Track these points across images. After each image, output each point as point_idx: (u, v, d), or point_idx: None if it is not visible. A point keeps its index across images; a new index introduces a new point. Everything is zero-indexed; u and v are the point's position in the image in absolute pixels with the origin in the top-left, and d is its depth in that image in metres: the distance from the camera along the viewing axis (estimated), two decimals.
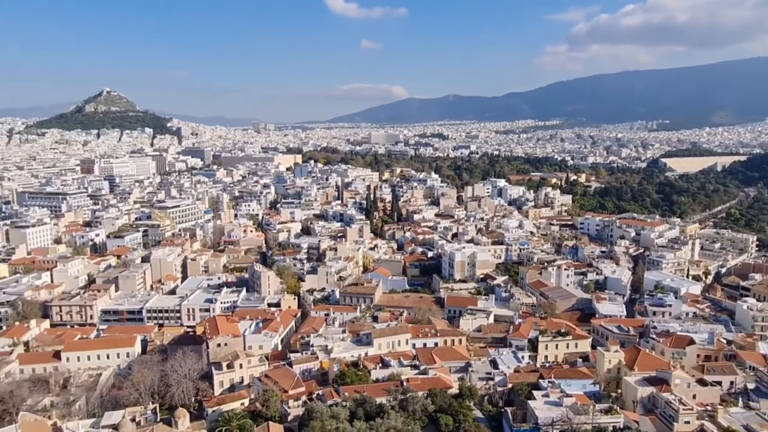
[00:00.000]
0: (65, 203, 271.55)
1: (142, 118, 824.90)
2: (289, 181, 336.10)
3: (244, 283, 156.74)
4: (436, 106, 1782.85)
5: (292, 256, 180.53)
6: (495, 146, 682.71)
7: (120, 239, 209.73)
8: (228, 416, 78.33)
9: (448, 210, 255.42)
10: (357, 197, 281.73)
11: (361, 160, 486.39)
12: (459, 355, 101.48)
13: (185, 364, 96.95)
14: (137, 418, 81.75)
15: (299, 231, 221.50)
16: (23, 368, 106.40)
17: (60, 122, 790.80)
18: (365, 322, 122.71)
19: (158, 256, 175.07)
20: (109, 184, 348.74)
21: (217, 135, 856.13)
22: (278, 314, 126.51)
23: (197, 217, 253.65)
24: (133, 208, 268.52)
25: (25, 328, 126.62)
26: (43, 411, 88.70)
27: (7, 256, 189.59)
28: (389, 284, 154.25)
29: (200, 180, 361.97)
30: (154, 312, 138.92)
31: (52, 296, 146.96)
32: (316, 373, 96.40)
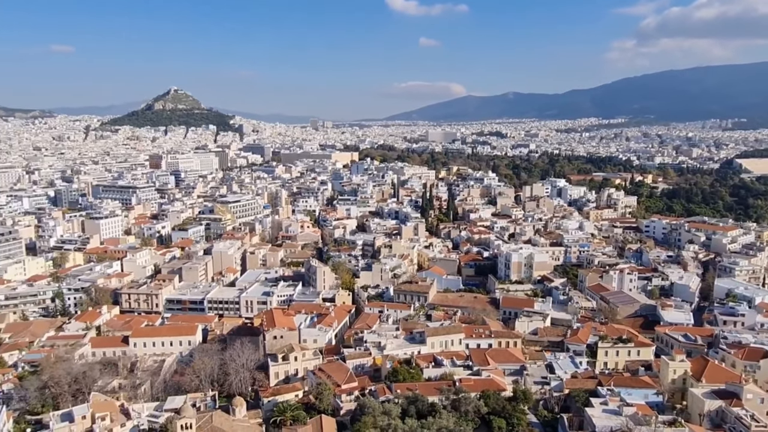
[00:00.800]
0: (135, 196, 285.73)
1: (206, 116, 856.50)
2: (345, 178, 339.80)
3: (300, 278, 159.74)
4: (494, 104, 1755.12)
5: (348, 252, 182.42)
6: (555, 145, 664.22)
7: (184, 232, 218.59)
8: (282, 407, 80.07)
9: (505, 210, 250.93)
10: (413, 195, 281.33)
11: (417, 158, 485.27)
12: (513, 357, 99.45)
13: (243, 354, 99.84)
14: (197, 403, 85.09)
15: (355, 228, 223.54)
16: (95, 351, 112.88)
17: (132, 119, 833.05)
18: (419, 320, 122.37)
19: (219, 249, 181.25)
20: (175, 179, 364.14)
21: (277, 132, 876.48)
22: (333, 309, 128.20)
23: (257, 212, 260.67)
24: (196, 202, 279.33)
25: (98, 314, 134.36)
26: (112, 392, 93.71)
27: (82, 245, 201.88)
28: (444, 283, 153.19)
29: (260, 176, 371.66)
30: (215, 303, 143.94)
31: (122, 284, 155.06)
32: (369, 369, 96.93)
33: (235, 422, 78.78)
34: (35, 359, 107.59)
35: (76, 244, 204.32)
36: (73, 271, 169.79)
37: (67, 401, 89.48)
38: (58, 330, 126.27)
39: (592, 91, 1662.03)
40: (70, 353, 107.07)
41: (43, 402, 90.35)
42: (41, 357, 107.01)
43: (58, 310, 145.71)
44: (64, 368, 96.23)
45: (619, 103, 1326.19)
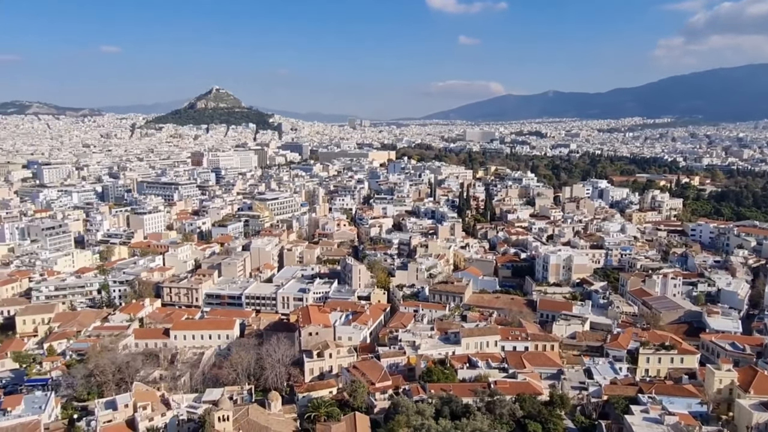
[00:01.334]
0: (177, 193, 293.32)
1: (246, 114, 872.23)
2: (382, 177, 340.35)
3: (336, 275, 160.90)
4: (534, 103, 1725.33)
5: (383, 251, 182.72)
6: (597, 145, 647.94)
7: (224, 228, 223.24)
8: (317, 403, 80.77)
9: (543, 210, 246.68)
10: (450, 195, 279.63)
11: (455, 157, 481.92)
12: (551, 361, 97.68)
13: (279, 350, 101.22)
14: (234, 396, 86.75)
15: (391, 227, 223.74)
16: (138, 342, 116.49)
17: (175, 118, 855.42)
18: (454, 320, 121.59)
19: (257, 246, 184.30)
20: (215, 176, 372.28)
21: (315, 130, 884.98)
22: (368, 307, 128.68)
23: (294, 209, 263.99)
24: (236, 199, 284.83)
25: (141, 306, 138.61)
26: (153, 382, 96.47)
27: (127, 240, 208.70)
28: (480, 284, 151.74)
29: (298, 174, 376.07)
30: (252, 298, 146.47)
31: (164, 278, 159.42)
32: (403, 368, 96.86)
33: (271, 416, 79.99)
34: (82, 348, 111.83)
35: (122, 238, 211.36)
36: (118, 264, 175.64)
37: (111, 390, 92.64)
38: (104, 321, 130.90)
39: (637, 89, 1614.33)
40: (114, 343, 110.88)
41: (88, 389, 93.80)
42: (88, 346, 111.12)
43: (103, 301, 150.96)
44: (109, 358, 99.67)
45: (666, 103, 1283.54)
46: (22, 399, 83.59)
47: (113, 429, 77.14)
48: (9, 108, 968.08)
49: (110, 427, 77.39)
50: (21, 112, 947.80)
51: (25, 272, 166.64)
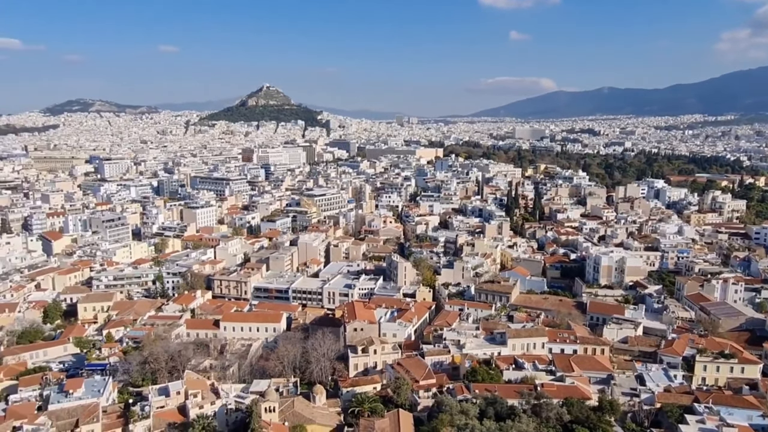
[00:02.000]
0: (228, 188, 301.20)
1: (295, 111, 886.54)
2: (429, 175, 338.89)
3: (382, 272, 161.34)
4: (587, 100, 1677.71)
5: (429, 249, 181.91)
6: (654, 143, 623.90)
7: (272, 223, 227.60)
8: (361, 398, 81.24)
9: (595, 210, 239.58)
10: (497, 193, 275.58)
11: (503, 155, 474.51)
12: (600, 365, 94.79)
13: (324, 344, 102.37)
14: (280, 388, 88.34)
15: (437, 224, 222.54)
16: (189, 332, 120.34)
17: (227, 115, 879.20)
18: (500, 320, 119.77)
19: (305, 241, 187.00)
20: (264, 172, 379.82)
21: (363, 128, 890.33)
22: (413, 305, 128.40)
23: (341, 205, 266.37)
24: (284, 194, 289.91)
25: (192, 297, 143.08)
26: (203, 371, 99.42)
27: (180, 233, 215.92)
28: (527, 284, 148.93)
29: (345, 170, 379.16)
30: (299, 292, 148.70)
31: (215, 271, 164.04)
32: (447, 366, 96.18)
33: (315, 409, 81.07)
34: (138, 336, 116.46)
35: (175, 231, 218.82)
36: (172, 257, 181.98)
37: (164, 377, 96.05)
38: (158, 310, 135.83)
39: (698, 85, 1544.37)
40: (167, 332, 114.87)
41: (143, 376, 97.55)
42: (143, 334, 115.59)
43: (158, 291, 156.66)
44: (162, 346, 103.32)
45: (729, 99, 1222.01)
46: (82, 382, 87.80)
47: (166, 415, 79.96)
48: (74, 106, 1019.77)
49: (163, 413, 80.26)
50: (85, 109, 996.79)
51: (87, 262, 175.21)
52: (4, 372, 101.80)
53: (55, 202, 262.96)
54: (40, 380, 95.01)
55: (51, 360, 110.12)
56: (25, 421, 75.75)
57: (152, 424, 77.51)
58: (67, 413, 78.86)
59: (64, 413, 78.93)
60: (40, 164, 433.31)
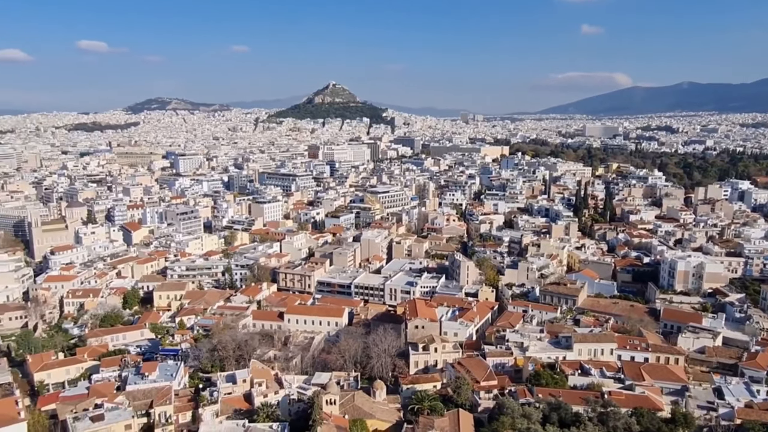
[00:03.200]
0: (294, 184, 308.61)
1: (360, 109, 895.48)
2: (494, 173, 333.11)
3: (444, 271, 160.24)
4: (665, 95, 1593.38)
5: (493, 248, 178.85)
6: (739, 142, 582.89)
7: (336, 219, 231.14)
8: (421, 396, 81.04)
9: (671, 212, 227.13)
10: (565, 193, 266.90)
11: (572, 153, 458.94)
12: (674, 375, 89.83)
13: (385, 340, 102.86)
14: (341, 382, 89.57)
15: (501, 224, 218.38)
16: (255, 323, 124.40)
17: (294, 112, 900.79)
18: (565, 324, 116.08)
19: (367, 237, 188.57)
20: (330, 169, 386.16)
21: (427, 125, 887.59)
22: (475, 304, 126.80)
23: (404, 203, 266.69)
24: (348, 191, 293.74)
25: (258, 289, 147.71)
26: (268, 361, 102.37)
27: (248, 226, 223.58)
28: (595, 287, 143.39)
29: (409, 168, 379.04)
30: (361, 288, 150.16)
31: (280, 264, 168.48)
32: (510, 368, 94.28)
33: (375, 404, 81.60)
34: (207, 324, 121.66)
35: (244, 224, 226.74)
36: (240, 249, 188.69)
37: (231, 364, 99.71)
38: (227, 301, 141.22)
39: None
40: (235, 322, 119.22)
41: (212, 363, 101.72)
42: (212, 323, 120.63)
43: (227, 282, 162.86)
44: (230, 335, 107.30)
45: None
46: (157, 366, 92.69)
47: (232, 401, 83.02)
48: (153, 104, 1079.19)
49: (230, 399, 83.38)
50: (162, 107, 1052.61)
51: (162, 252, 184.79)
52: (88, 353, 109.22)
53: (134, 195, 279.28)
54: (120, 362, 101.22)
55: (129, 343, 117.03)
56: (106, 399, 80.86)
57: (220, 409, 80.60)
58: (143, 394, 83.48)
59: (140, 394, 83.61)
60: (122, 159, 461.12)
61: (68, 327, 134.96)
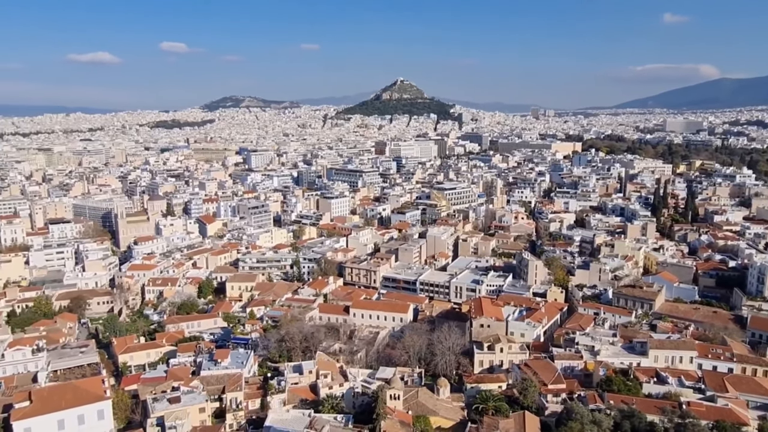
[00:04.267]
0: (361, 180, 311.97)
1: (428, 105, 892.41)
2: (565, 170, 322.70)
3: (511, 269, 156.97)
4: (758, 87, 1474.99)
5: (563, 248, 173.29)
6: None
7: (402, 215, 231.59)
8: (485, 395, 79.70)
9: (762, 213, 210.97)
10: (643, 191, 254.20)
11: (651, 149, 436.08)
12: (762, 388, 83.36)
13: (450, 338, 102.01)
14: (405, 377, 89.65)
15: (572, 222, 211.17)
16: (322, 316, 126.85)
17: (362, 109, 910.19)
18: (640, 329, 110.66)
19: (433, 234, 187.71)
20: (396, 165, 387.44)
21: (496, 121, 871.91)
22: (543, 305, 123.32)
23: (471, 200, 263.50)
24: (415, 187, 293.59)
25: (325, 283, 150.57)
26: (333, 354, 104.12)
27: (316, 221, 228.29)
28: (674, 291, 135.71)
29: (476, 164, 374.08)
30: (426, 285, 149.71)
31: (346, 259, 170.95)
32: (579, 372, 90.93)
33: (439, 401, 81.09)
34: (276, 316, 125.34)
35: (312, 219, 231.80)
36: (308, 243, 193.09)
37: (298, 355, 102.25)
38: (294, 293, 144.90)
39: None
40: (302, 315, 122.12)
41: (280, 353, 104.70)
42: (281, 314, 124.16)
43: (295, 275, 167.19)
44: (297, 327, 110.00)
45: None
46: (228, 353, 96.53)
47: (299, 391, 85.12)
48: (227, 102, 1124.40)
49: (296, 389, 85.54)
50: (236, 105, 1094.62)
51: (235, 244, 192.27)
52: (166, 338, 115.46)
53: (209, 190, 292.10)
54: (194, 348, 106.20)
55: (203, 331, 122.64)
56: (182, 383, 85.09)
57: (287, 398, 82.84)
58: (215, 380, 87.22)
59: (213, 379, 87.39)
60: (198, 155, 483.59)
61: (149, 313, 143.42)
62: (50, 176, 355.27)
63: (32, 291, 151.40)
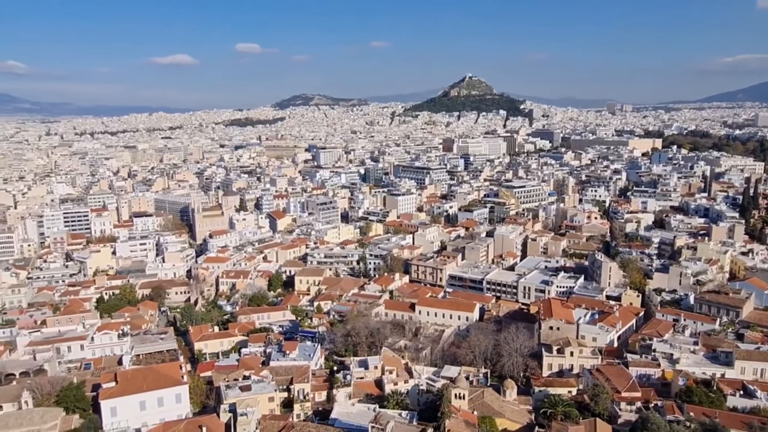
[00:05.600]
0: (428, 177, 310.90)
1: (497, 101, 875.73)
2: (644, 168, 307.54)
3: (583, 271, 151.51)
4: None
5: (640, 249, 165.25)
6: None
7: (469, 213, 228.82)
8: (554, 400, 77.39)
9: None
10: (730, 191, 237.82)
11: (740, 146, 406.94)
12: None
13: (517, 339, 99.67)
14: (470, 377, 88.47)
15: (650, 223, 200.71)
16: (387, 312, 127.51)
17: (429, 105, 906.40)
18: (725, 338, 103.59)
19: (501, 233, 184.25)
20: (464, 162, 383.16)
21: (568, 117, 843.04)
22: (617, 309, 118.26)
23: (541, 198, 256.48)
24: (482, 185, 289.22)
25: (391, 279, 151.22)
26: (398, 350, 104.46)
27: (383, 218, 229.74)
28: (764, 299, 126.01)
29: (547, 162, 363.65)
30: (493, 284, 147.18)
31: (412, 256, 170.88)
32: (656, 381, 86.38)
33: (505, 403, 79.45)
34: (342, 311, 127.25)
35: (378, 216, 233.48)
36: (375, 240, 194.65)
37: (363, 350, 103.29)
38: (361, 289, 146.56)
39: None
40: (368, 310, 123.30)
41: (346, 347, 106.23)
42: (347, 309, 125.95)
43: (361, 271, 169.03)
44: (363, 322, 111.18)
45: None
46: (296, 346, 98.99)
47: (364, 385, 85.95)
48: (297, 100, 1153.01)
49: (362, 383, 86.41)
50: (306, 103, 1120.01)
51: (303, 240, 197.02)
52: (238, 328, 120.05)
53: (280, 186, 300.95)
54: (264, 339, 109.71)
55: (273, 323, 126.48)
56: (253, 372, 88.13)
57: (352, 391, 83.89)
58: (284, 370, 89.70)
59: (281, 370, 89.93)
60: (269, 152, 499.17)
61: (222, 304, 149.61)
62: (135, 172, 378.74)
63: (118, 279, 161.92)
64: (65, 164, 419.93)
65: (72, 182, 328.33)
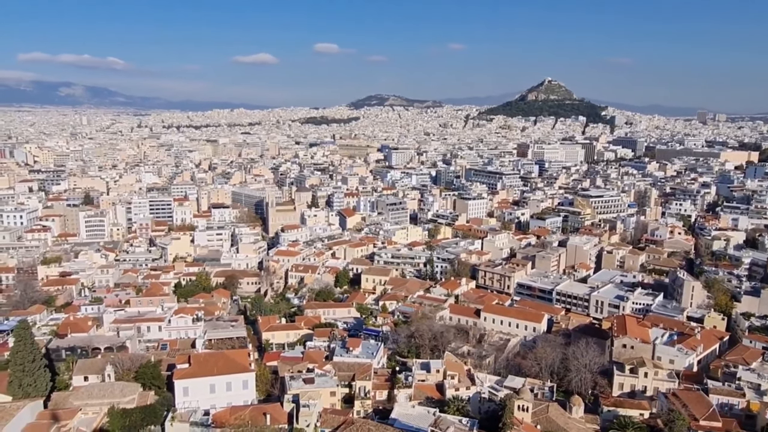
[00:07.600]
0: (500, 182, 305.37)
1: (577, 107, 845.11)
2: (736, 182, 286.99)
3: (662, 288, 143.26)
4: None
5: (728, 269, 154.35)
6: None
7: (541, 221, 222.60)
8: (624, 422, 73.71)
9: None
10: None
11: None
12: None
13: (587, 355, 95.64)
14: (535, 389, 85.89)
15: (741, 242, 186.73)
16: (452, 316, 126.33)
17: (505, 109, 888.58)
18: None
19: (575, 243, 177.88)
20: (538, 168, 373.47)
21: (654, 125, 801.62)
22: (699, 331, 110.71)
23: (619, 209, 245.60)
24: (557, 193, 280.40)
25: (457, 284, 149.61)
26: (461, 356, 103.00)
27: (452, 221, 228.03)
28: None
29: (628, 171, 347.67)
30: (563, 296, 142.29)
31: (480, 261, 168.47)
32: (739, 412, 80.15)
33: (571, 420, 76.47)
34: (407, 312, 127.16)
35: (447, 219, 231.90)
36: (443, 243, 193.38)
37: (426, 353, 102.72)
38: (426, 291, 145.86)
39: None
40: (433, 313, 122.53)
41: (408, 348, 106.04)
42: (412, 311, 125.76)
43: (427, 273, 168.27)
44: (427, 325, 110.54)
45: None
46: (360, 343, 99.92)
47: (425, 388, 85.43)
48: (372, 101, 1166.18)
49: (423, 386, 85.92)
50: (380, 103, 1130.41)
51: (371, 238, 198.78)
52: (304, 322, 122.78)
53: (351, 184, 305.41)
54: (329, 334, 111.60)
55: (338, 319, 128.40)
56: (317, 366, 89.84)
57: (413, 393, 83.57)
58: (347, 366, 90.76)
59: (344, 366, 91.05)
60: (342, 151, 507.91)
61: (290, 297, 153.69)
62: (215, 165, 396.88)
63: (195, 267, 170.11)
64: (153, 155, 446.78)
65: (158, 172, 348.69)
